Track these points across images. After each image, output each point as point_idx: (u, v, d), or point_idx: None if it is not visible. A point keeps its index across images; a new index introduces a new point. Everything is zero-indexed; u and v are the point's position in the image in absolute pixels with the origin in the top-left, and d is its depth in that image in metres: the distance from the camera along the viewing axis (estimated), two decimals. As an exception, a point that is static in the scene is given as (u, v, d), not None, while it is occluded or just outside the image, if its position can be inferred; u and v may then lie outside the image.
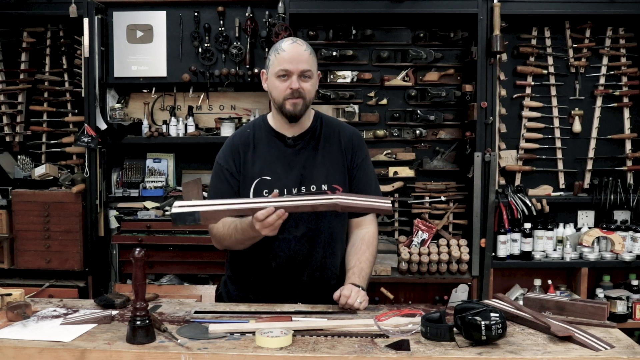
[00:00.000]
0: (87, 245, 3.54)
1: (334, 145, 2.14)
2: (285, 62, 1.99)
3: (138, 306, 1.62)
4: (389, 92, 3.75)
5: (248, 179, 2.09)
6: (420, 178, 3.74)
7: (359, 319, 1.81)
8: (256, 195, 2.06)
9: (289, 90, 2.00)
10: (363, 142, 2.22)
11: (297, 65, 1.99)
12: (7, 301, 1.91)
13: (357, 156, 2.16)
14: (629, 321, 3.44)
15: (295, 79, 2.00)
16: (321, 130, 2.15)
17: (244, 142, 2.14)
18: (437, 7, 3.40)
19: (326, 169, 2.10)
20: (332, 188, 2.09)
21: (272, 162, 2.09)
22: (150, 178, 3.77)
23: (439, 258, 3.40)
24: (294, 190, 2.07)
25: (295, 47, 2.01)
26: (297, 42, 2.03)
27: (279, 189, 2.05)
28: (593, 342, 1.60)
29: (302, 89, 2.01)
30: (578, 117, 3.68)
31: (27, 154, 3.77)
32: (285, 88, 2.01)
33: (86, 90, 3.51)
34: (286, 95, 2.01)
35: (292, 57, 1.99)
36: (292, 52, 2.00)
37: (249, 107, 3.78)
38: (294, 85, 1.99)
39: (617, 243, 3.48)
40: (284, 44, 2.03)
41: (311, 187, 2.08)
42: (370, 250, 2.14)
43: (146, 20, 3.63)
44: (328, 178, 2.10)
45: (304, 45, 2.03)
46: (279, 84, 2.02)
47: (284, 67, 2.00)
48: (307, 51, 2.02)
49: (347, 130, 2.21)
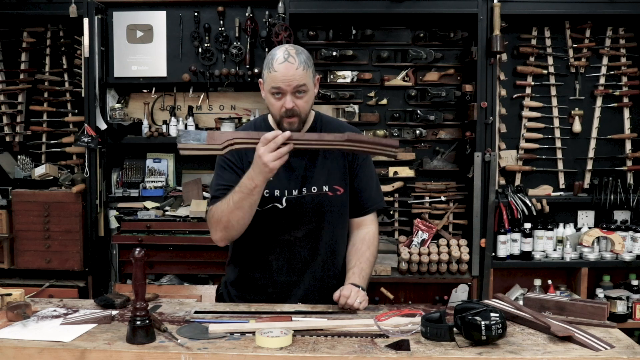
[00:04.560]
0: (87, 245, 3.54)
1: None
2: (278, 81, 1.93)
3: (138, 306, 1.62)
4: (389, 92, 3.75)
5: None
6: (420, 178, 3.74)
7: (359, 319, 1.81)
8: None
9: (284, 109, 1.96)
10: None
11: (290, 83, 1.93)
12: (7, 301, 1.91)
13: (358, 156, 2.15)
14: (629, 321, 3.44)
15: (289, 97, 1.95)
16: (321, 130, 2.14)
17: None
18: (437, 7, 3.40)
19: (327, 171, 2.10)
20: (334, 189, 2.09)
21: None
22: (150, 178, 3.77)
23: (439, 258, 3.40)
24: (295, 192, 2.06)
25: (287, 66, 1.92)
26: (289, 60, 1.93)
27: (279, 190, 2.05)
28: (593, 342, 1.60)
29: (297, 107, 1.96)
30: (578, 117, 3.68)
31: (27, 154, 3.77)
32: (280, 106, 1.97)
33: (86, 90, 3.51)
34: (281, 114, 1.98)
35: (285, 77, 1.93)
36: (285, 72, 1.92)
37: (249, 107, 3.78)
38: (287, 105, 1.95)
39: (617, 243, 3.48)
40: (276, 61, 1.93)
41: (312, 189, 2.07)
42: (370, 250, 2.14)
43: (146, 20, 3.63)
44: (329, 180, 2.09)
45: (296, 62, 1.93)
46: (274, 101, 1.98)
47: (276, 85, 1.94)
48: (300, 67, 1.93)
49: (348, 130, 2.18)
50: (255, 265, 2.13)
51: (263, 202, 2.04)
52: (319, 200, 2.08)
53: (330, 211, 2.09)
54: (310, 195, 2.07)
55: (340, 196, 2.11)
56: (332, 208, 2.10)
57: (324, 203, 2.08)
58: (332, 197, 2.09)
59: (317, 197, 2.08)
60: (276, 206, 2.06)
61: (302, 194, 2.07)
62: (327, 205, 2.09)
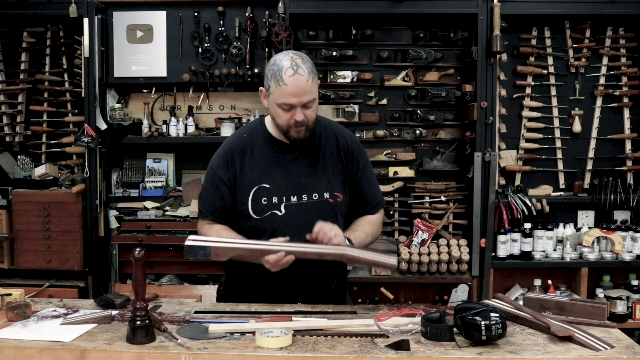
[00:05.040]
0: (87, 245, 3.54)
1: (333, 152, 2.11)
2: (289, 96, 1.91)
3: (138, 306, 1.62)
4: (389, 92, 3.75)
5: (246, 186, 2.05)
6: (420, 178, 3.74)
7: (359, 319, 1.81)
8: (255, 201, 2.03)
9: (293, 121, 1.95)
10: (361, 148, 2.20)
11: (301, 98, 1.92)
12: (7, 301, 1.91)
13: (359, 163, 2.14)
14: (629, 321, 3.44)
15: (299, 111, 1.93)
16: (319, 135, 2.12)
17: (240, 148, 2.09)
18: (437, 7, 3.40)
19: (327, 177, 2.08)
20: (334, 196, 2.08)
21: (270, 169, 2.06)
22: (150, 178, 3.77)
23: (439, 258, 3.41)
24: (294, 198, 2.04)
25: (297, 79, 1.89)
26: (299, 72, 1.90)
27: (277, 196, 2.03)
28: (593, 342, 1.60)
29: (305, 118, 1.96)
30: (578, 117, 3.68)
31: (27, 154, 3.77)
32: (289, 118, 1.95)
33: (86, 90, 3.51)
34: (290, 124, 1.97)
35: (296, 91, 1.90)
36: (295, 86, 1.89)
37: (249, 107, 3.79)
38: (298, 118, 1.94)
39: (617, 243, 3.48)
40: (286, 74, 1.90)
41: (313, 196, 2.05)
42: (369, 225, 2.13)
43: (146, 20, 3.63)
44: (330, 186, 2.08)
45: (305, 73, 1.91)
46: (282, 113, 1.96)
47: (288, 101, 1.92)
48: (309, 79, 1.91)
49: (345, 136, 2.17)
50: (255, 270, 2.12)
51: (261, 209, 2.03)
52: (319, 206, 2.06)
53: (332, 217, 2.07)
54: (310, 201, 2.06)
55: (340, 202, 2.10)
56: (332, 214, 2.08)
57: (325, 209, 2.07)
58: (333, 203, 2.08)
59: (317, 204, 2.06)
60: (275, 213, 2.04)
61: (302, 200, 2.05)
62: (328, 211, 2.07)
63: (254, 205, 2.04)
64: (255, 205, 2.04)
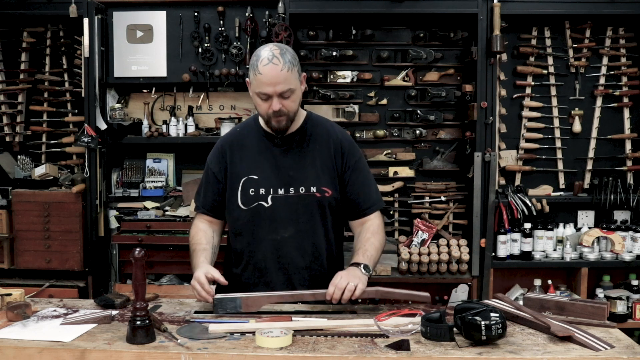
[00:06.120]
0: (87, 245, 3.53)
1: (324, 148, 2.13)
2: (264, 85, 1.94)
3: (138, 306, 1.62)
4: (389, 92, 3.75)
5: (235, 177, 2.11)
6: (420, 178, 3.74)
7: (359, 319, 1.81)
8: (243, 192, 2.08)
9: (271, 111, 1.98)
10: (354, 145, 2.19)
11: (275, 87, 1.94)
12: (7, 301, 1.91)
13: (349, 159, 2.14)
14: (629, 321, 3.44)
15: (276, 100, 1.96)
16: (310, 131, 2.14)
17: (232, 141, 2.16)
18: (437, 7, 3.40)
19: (315, 171, 2.09)
20: (322, 190, 2.09)
21: (260, 162, 2.10)
22: (150, 178, 3.77)
23: (439, 258, 3.40)
24: (281, 190, 2.07)
25: (272, 68, 1.92)
26: (274, 61, 1.92)
27: (265, 188, 2.06)
28: (593, 342, 1.60)
29: (284, 107, 1.98)
30: (578, 117, 3.68)
31: (27, 154, 3.77)
32: (267, 108, 1.99)
33: (86, 90, 3.51)
34: (269, 114, 2.00)
35: (270, 80, 1.93)
36: (269, 75, 1.92)
37: (249, 107, 3.78)
38: (275, 107, 1.97)
39: (617, 243, 3.48)
40: (261, 64, 1.93)
41: (300, 189, 2.07)
42: (375, 237, 2.12)
43: (146, 20, 3.63)
44: (317, 180, 2.09)
45: (280, 63, 1.92)
46: (261, 102, 2.00)
47: (263, 90, 1.95)
48: (284, 68, 1.93)
49: (337, 133, 2.17)
50: (246, 264, 2.14)
51: (248, 200, 2.07)
52: (306, 200, 2.08)
53: (319, 212, 2.09)
54: (297, 195, 2.07)
55: (328, 198, 2.10)
56: (320, 209, 2.10)
57: (312, 204, 2.08)
58: (320, 198, 2.09)
59: (304, 198, 2.08)
60: (262, 204, 2.07)
61: (289, 193, 2.07)
62: (315, 206, 2.09)
63: (243, 196, 2.08)
64: (244, 196, 2.08)
